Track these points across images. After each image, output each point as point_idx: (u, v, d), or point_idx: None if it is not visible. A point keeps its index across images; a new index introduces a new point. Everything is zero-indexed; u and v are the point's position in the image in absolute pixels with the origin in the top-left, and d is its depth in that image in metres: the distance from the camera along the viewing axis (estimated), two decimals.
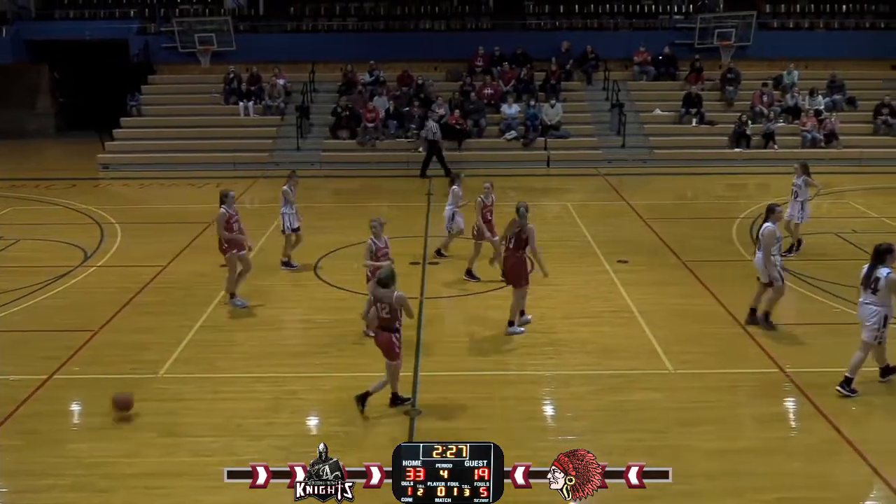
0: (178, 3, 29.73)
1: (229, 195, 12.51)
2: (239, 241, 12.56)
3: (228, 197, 12.50)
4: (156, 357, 10.71)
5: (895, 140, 24.55)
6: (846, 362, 9.73)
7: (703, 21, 27.73)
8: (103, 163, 24.33)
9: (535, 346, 11.08)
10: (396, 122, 24.73)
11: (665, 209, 19.00)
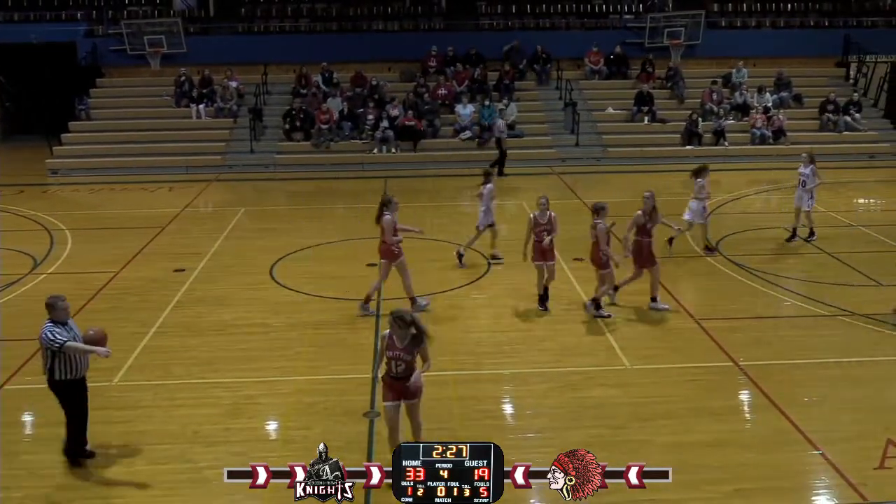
0: (126, 5, 29.25)
1: (393, 201, 12.26)
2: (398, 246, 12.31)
3: (392, 203, 12.22)
4: (110, 364, 10.48)
5: (840, 136, 25.12)
6: (796, 354, 9.94)
7: (652, 20, 28.07)
8: (52, 168, 23.87)
9: (492, 344, 11.14)
10: (351, 123, 24.64)
11: (619, 207, 19.07)
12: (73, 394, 8.12)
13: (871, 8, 30.34)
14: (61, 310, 8.03)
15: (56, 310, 8.00)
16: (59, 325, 7.97)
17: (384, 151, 24.05)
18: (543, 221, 11.88)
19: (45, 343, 7.87)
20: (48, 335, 7.85)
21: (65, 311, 8.06)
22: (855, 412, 9.20)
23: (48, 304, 8.07)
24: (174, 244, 16.23)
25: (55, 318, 7.99)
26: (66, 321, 8.06)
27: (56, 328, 7.91)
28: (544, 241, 11.87)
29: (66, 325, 8.04)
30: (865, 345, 11.13)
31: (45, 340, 7.85)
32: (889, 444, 8.40)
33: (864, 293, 13.08)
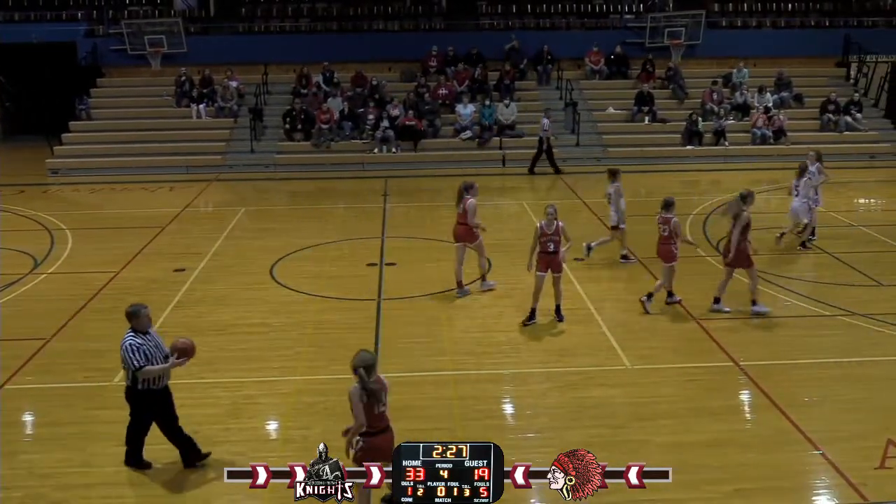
0: (126, 5, 29.26)
1: (475, 186, 12.98)
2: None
3: (474, 188, 12.91)
4: (110, 364, 10.50)
5: (841, 136, 25.10)
6: (797, 354, 9.95)
7: (653, 20, 28.07)
8: (52, 168, 23.87)
9: (492, 344, 11.14)
10: (351, 123, 24.64)
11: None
12: (156, 403, 7.89)
13: (872, 8, 30.34)
14: (144, 317, 7.77)
15: (139, 318, 7.75)
16: (139, 334, 7.73)
17: (384, 151, 24.06)
18: (550, 232, 11.42)
19: (124, 361, 7.66)
20: (128, 352, 7.60)
21: (147, 319, 7.82)
22: (855, 412, 9.19)
23: (130, 312, 7.78)
24: (174, 244, 16.23)
25: (137, 328, 7.74)
26: (147, 330, 7.82)
27: (137, 340, 7.66)
28: (560, 254, 11.49)
29: (147, 333, 7.81)
30: (865, 345, 11.12)
31: (124, 359, 7.64)
32: (889, 443, 8.39)
33: (864, 293, 13.08)
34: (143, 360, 7.62)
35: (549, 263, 11.51)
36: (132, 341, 7.66)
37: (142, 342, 7.69)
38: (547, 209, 11.54)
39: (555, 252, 11.45)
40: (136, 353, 7.61)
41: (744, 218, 11.77)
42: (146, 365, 7.63)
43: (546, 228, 11.44)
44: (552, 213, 11.48)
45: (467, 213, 12.70)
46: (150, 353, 7.71)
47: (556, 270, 11.60)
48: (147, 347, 7.70)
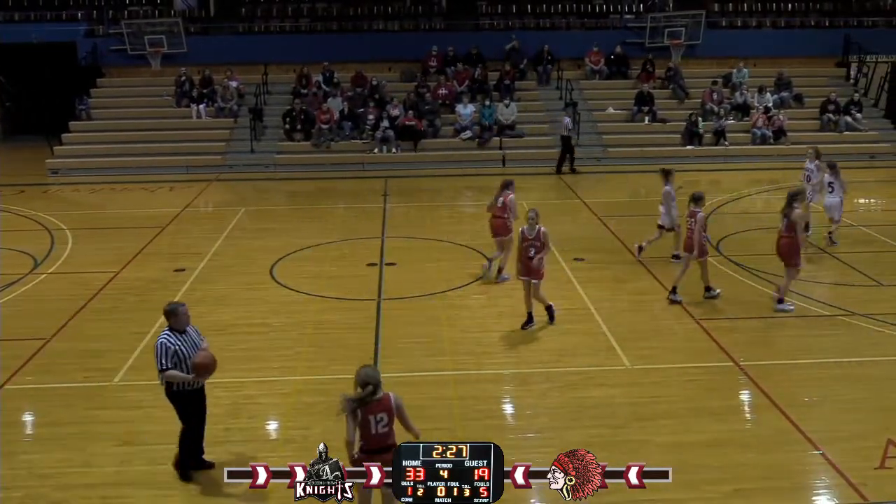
0: (126, 5, 29.26)
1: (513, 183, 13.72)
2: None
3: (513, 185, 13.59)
4: (110, 365, 10.55)
5: (841, 136, 25.10)
6: (797, 354, 9.95)
7: (653, 20, 28.06)
8: (52, 168, 23.87)
9: (492, 344, 11.14)
10: (351, 123, 24.64)
11: (620, 207, 19.21)
12: (190, 404, 7.82)
13: (872, 8, 30.34)
14: (182, 316, 7.66)
15: (177, 316, 7.63)
16: (175, 333, 7.61)
17: (384, 151, 24.05)
18: (531, 237, 11.16)
19: (155, 357, 7.56)
20: (158, 351, 7.53)
21: (186, 318, 7.70)
22: (855, 412, 9.19)
23: (168, 311, 7.68)
24: (174, 244, 16.23)
25: (174, 327, 7.64)
26: (185, 329, 7.70)
27: (171, 340, 7.55)
28: (534, 259, 11.20)
29: (185, 332, 7.69)
30: (865, 345, 11.12)
31: (156, 355, 7.54)
32: (889, 443, 8.39)
33: (864, 293, 13.08)
34: (171, 363, 7.51)
35: (530, 270, 11.28)
36: (165, 340, 7.56)
37: (176, 342, 7.57)
38: (528, 213, 11.26)
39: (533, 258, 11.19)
40: (165, 353, 7.50)
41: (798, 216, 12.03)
42: (171, 368, 7.52)
43: (528, 233, 11.20)
44: (533, 217, 11.15)
45: (507, 207, 13.28)
46: (183, 353, 7.58)
47: (534, 277, 11.32)
48: (181, 348, 7.58)
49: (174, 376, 7.58)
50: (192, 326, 7.90)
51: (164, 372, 7.53)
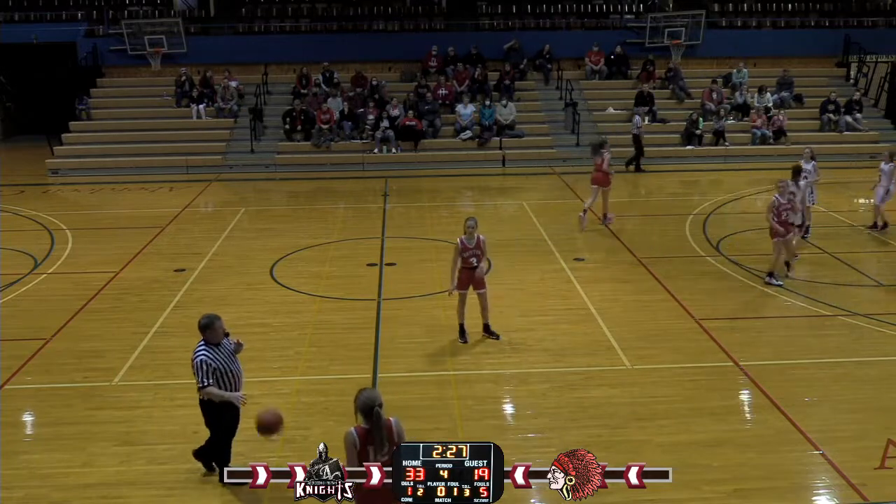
0: (126, 5, 29.30)
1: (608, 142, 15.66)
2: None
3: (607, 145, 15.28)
4: (110, 365, 10.56)
5: (841, 136, 25.11)
6: (797, 354, 9.94)
7: (653, 20, 28.07)
8: (52, 168, 23.88)
9: (492, 344, 11.13)
10: (351, 123, 24.65)
11: (619, 207, 19.19)
12: (225, 415, 7.69)
13: (872, 8, 30.37)
14: (218, 329, 7.55)
15: (213, 330, 7.52)
16: (211, 347, 7.51)
17: (384, 151, 24.06)
18: (471, 246, 10.81)
19: (195, 373, 7.43)
20: (198, 369, 7.39)
21: (222, 331, 7.59)
22: (855, 412, 9.19)
23: (204, 324, 7.56)
24: (174, 244, 16.24)
25: (210, 340, 7.53)
26: (219, 342, 7.60)
27: (209, 355, 7.45)
28: (479, 269, 10.94)
29: (219, 345, 7.59)
30: (866, 345, 11.13)
31: (196, 371, 7.41)
32: (889, 444, 8.39)
33: (864, 293, 13.09)
34: (211, 379, 7.42)
35: (471, 279, 10.98)
36: (205, 356, 7.44)
37: (214, 357, 7.48)
38: (467, 222, 10.87)
39: (476, 268, 10.95)
40: (206, 370, 7.40)
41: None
42: (211, 384, 7.44)
43: (467, 243, 10.81)
44: (472, 226, 10.79)
45: (605, 162, 16.51)
46: (222, 368, 7.51)
47: (477, 287, 11.04)
48: (219, 363, 7.50)
49: (213, 393, 7.48)
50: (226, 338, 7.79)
51: (205, 388, 7.44)
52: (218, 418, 7.75)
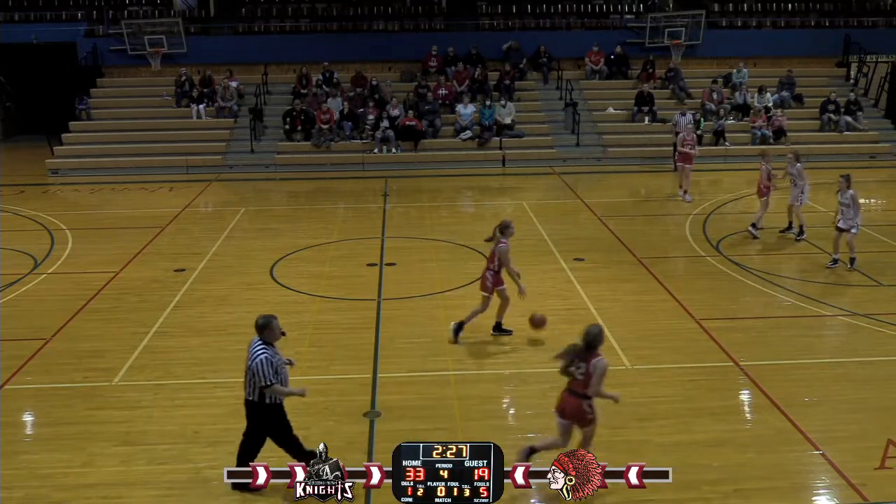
0: (126, 5, 29.30)
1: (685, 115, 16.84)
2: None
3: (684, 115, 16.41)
4: (110, 365, 10.56)
5: (841, 136, 25.11)
6: (797, 354, 9.94)
7: (653, 20, 28.07)
8: (52, 168, 23.88)
9: (493, 344, 11.13)
10: (351, 123, 24.64)
11: (620, 207, 19.22)
12: (277, 417, 7.61)
13: (872, 8, 30.36)
14: (276, 329, 7.48)
15: (271, 329, 7.45)
16: (270, 346, 7.45)
17: (384, 151, 24.06)
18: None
19: (257, 374, 7.32)
20: (263, 365, 7.29)
21: (278, 331, 7.53)
22: (855, 412, 9.19)
23: (263, 324, 7.46)
24: (174, 244, 16.24)
25: (268, 339, 7.45)
26: (275, 341, 7.54)
27: (269, 353, 7.37)
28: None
29: (273, 345, 7.53)
30: (866, 345, 11.13)
31: (258, 372, 7.31)
32: (889, 444, 8.39)
33: (864, 293, 13.08)
34: (275, 377, 7.37)
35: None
36: (266, 355, 7.35)
37: (273, 355, 7.42)
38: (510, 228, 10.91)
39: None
40: (269, 368, 7.33)
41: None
42: (276, 383, 7.39)
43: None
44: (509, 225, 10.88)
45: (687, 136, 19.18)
46: (280, 366, 7.47)
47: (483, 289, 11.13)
48: (278, 361, 7.45)
49: (279, 391, 7.43)
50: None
51: (271, 387, 7.36)
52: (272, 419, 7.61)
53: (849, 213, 13.80)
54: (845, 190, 13.86)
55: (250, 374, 7.39)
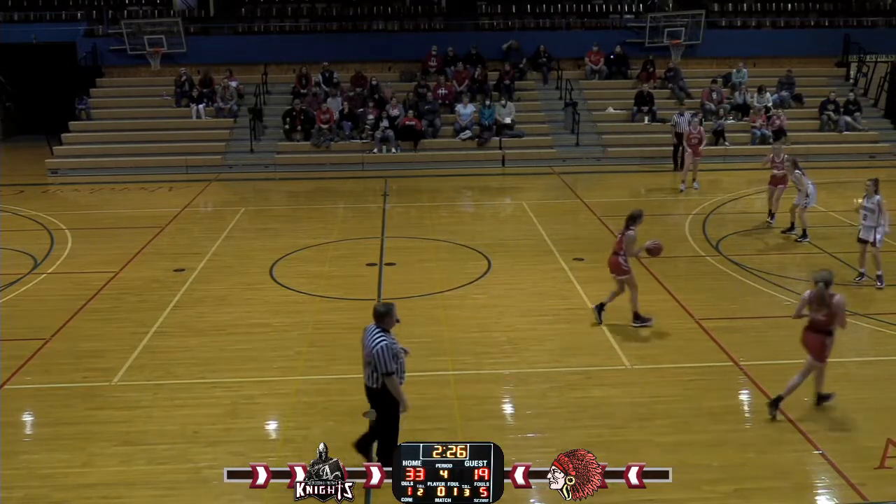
0: (126, 5, 29.28)
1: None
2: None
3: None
4: (109, 365, 10.55)
5: (841, 136, 25.12)
6: (796, 354, 9.89)
7: (653, 20, 28.07)
8: (52, 168, 23.88)
9: (493, 344, 11.13)
10: (350, 123, 24.64)
11: (619, 206, 19.14)
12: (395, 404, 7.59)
13: (871, 8, 30.37)
14: (395, 316, 7.50)
15: (391, 317, 7.46)
16: (387, 333, 7.43)
17: (384, 151, 24.06)
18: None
19: (379, 361, 7.32)
20: (384, 352, 7.29)
21: (395, 319, 7.52)
22: (855, 412, 9.20)
23: (385, 311, 7.47)
24: (174, 244, 16.24)
25: (386, 327, 7.46)
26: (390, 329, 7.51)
27: (388, 339, 7.37)
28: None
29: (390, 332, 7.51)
30: (865, 345, 11.14)
31: (380, 359, 7.30)
32: (889, 443, 8.40)
33: (864, 293, 13.08)
34: (394, 364, 7.36)
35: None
36: (387, 342, 7.35)
37: (392, 342, 7.42)
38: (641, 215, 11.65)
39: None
40: (389, 355, 7.33)
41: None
42: (396, 370, 7.38)
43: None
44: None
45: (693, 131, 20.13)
46: (398, 353, 7.48)
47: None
48: (396, 348, 7.46)
49: (395, 387, 7.42)
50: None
51: (390, 376, 7.36)
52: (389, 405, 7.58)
53: (871, 219, 13.04)
54: (872, 195, 13.12)
55: (373, 361, 7.40)
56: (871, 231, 13.11)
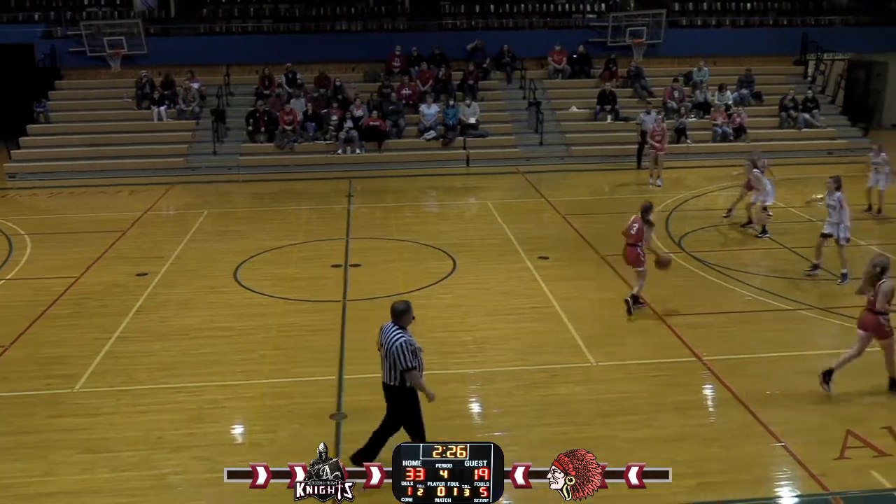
0: (85, 6, 28.85)
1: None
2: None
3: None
4: (71, 371, 10.40)
5: (799, 133, 25.51)
6: (759, 348, 10.06)
7: (615, 20, 28.26)
8: (10, 172, 23.46)
9: (458, 344, 11.15)
10: (314, 124, 24.53)
11: (583, 205, 19.34)
12: (416, 401, 7.65)
13: (829, 7, 30.86)
14: (411, 315, 7.61)
15: (409, 314, 7.58)
16: (405, 330, 7.52)
17: (348, 152, 23.98)
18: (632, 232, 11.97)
19: (398, 357, 7.39)
20: (403, 348, 7.36)
21: (411, 315, 7.63)
22: (815, 404, 9.34)
23: (404, 309, 7.58)
24: (136, 248, 16.04)
25: (404, 325, 7.55)
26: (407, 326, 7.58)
27: (407, 336, 7.45)
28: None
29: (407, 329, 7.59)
30: (825, 338, 11.32)
31: (402, 353, 7.37)
32: (849, 434, 8.54)
33: (823, 287, 13.30)
34: (414, 360, 7.41)
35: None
36: (406, 338, 7.43)
37: (411, 339, 7.48)
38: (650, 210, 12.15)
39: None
40: (413, 351, 7.41)
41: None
42: (416, 366, 7.43)
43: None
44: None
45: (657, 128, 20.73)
46: (417, 349, 7.51)
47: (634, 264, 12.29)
48: (415, 344, 7.51)
49: (417, 380, 7.47)
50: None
51: (411, 371, 7.41)
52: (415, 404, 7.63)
53: (834, 215, 13.25)
54: (833, 192, 13.26)
55: (391, 358, 7.45)
56: (835, 227, 13.34)
